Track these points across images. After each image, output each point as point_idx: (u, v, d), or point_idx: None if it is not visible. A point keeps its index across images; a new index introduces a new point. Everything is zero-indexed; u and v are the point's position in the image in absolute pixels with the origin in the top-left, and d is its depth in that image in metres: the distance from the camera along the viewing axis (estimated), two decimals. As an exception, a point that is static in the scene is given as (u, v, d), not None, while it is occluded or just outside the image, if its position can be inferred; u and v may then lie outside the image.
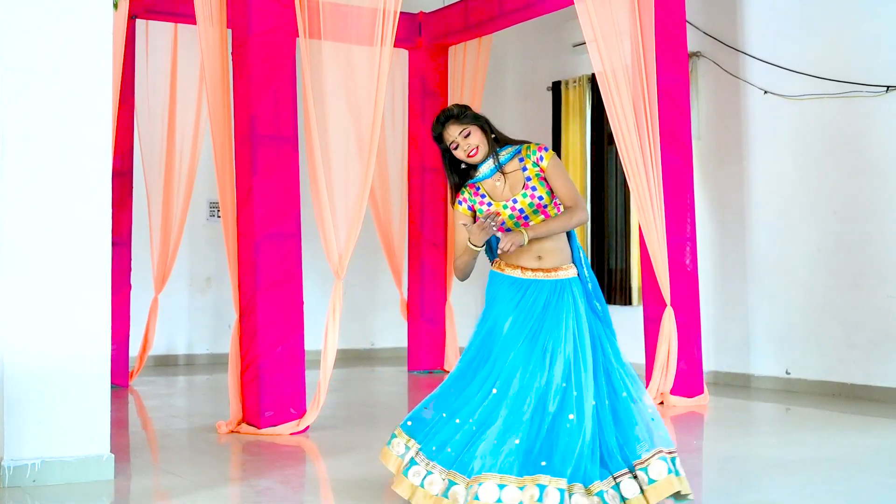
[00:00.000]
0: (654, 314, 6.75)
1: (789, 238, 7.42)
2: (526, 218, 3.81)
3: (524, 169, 3.84)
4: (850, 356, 7.01)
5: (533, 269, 3.80)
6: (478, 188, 3.89)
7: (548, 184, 3.82)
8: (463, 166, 3.92)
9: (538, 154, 3.85)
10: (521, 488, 3.46)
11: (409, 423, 3.85)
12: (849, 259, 7.04)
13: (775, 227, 7.53)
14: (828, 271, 7.17)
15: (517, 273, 3.82)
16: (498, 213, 3.76)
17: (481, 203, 3.86)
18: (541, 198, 3.80)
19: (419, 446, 3.73)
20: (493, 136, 3.88)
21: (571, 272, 3.84)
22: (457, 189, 3.92)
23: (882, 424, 6.02)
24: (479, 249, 3.80)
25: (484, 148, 3.84)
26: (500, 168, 3.85)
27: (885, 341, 6.82)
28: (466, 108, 3.89)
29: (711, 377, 7.64)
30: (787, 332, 7.42)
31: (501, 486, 3.47)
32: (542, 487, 3.45)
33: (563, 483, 3.45)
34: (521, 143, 3.92)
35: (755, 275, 7.66)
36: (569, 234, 3.93)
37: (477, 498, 3.46)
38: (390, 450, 3.85)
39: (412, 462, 3.68)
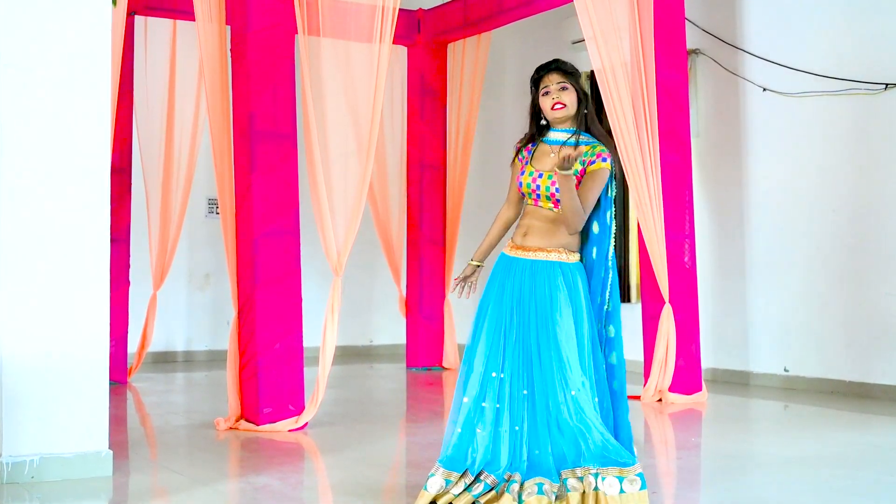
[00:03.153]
0: (653, 312, 6.76)
1: (788, 235, 7.43)
2: (538, 196, 3.84)
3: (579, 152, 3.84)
4: (848, 354, 7.02)
5: (517, 248, 3.87)
6: (533, 147, 3.93)
7: (577, 184, 3.79)
8: (542, 122, 3.91)
9: (592, 157, 3.80)
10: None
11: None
12: (847, 256, 7.05)
13: (774, 224, 7.53)
14: (826, 269, 7.17)
15: (506, 249, 3.92)
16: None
17: (523, 160, 3.90)
18: (558, 189, 3.78)
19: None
20: (584, 111, 3.87)
21: (555, 256, 3.81)
22: (526, 142, 3.95)
23: (880, 422, 6.02)
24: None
25: (570, 110, 3.84)
26: (576, 144, 3.82)
27: (884, 339, 6.82)
28: (577, 70, 3.92)
29: (710, 374, 7.64)
30: (786, 329, 7.42)
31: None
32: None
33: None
34: (599, 142, 3.86)
35: (754, 272, 7.67)
36: (589, 236, 3.89)
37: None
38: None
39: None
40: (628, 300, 8.45)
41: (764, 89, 7.57)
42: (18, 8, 4.29)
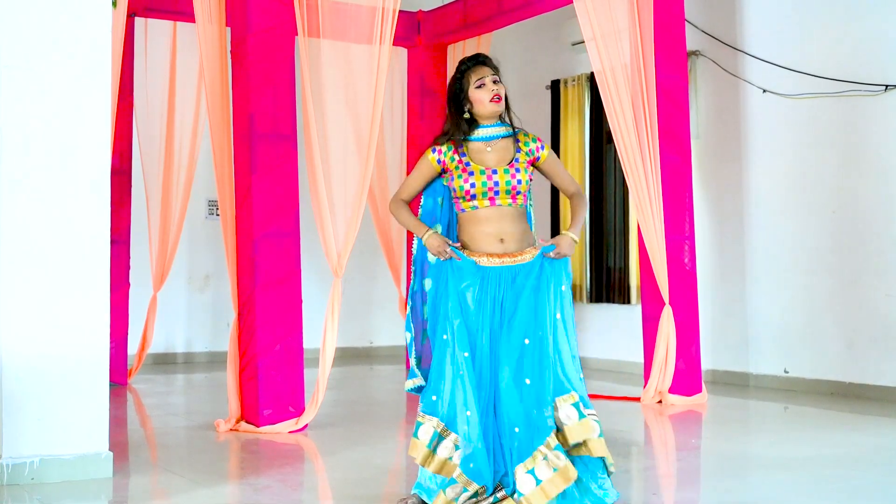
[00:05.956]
0: (653, 313, 6.76)
1: (788, 237, 7.43)
2: (496, 193, 3.76)
3: (517, 150, 3.84)
4: (848, 355, 7.02)
5: (500, 255, 3.76)
6: (461, 148, 3.84)
7: (530, 173, 3.82)
8: (466, 115, 3.86)
9: (537, 144, 3.88)
10: None
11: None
12: (847, 258, 7.05)
13: (774, 225, 7.53)
14: (826, 270, 7.17)
15: (483, 261, 3.77)
16: (458, 258, 3.76)
17: (460, 162, 3.80)
18: (519, 181, 3.77)
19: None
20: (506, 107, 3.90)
21: (529, 255, 3.79)
22: (450, 139, 3.85)
23: (879, 423, 6.02)
24: (419, 236, 3.86)
25: (503, 104, 3.84)
26: (517, 140, 3.84)
27: (883, 340, 6.82)
28: (499, 65, 3.91)
29: (710, 376, 7.64)
30: (786, 330, 7.42)
31: None
32: None
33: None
34: (519, 128, 3.93)
35: (753, 273, 7.67)
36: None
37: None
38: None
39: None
40: (628, 301, 8.44)
41: (764, 91, 7.57)
42: (19, 9, 4.30)
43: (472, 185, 3.75)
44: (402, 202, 3.94)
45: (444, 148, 3.84)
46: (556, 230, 8.84)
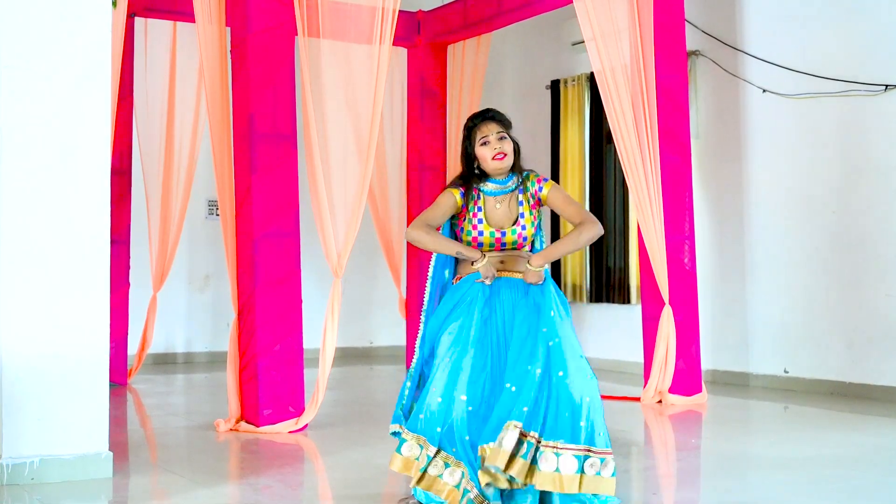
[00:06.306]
0: (653, 313, 6.76)
1: (788, 237, 7.43)
2: (503, 245, 3.87)
3: (521, 193, 3.90)
4: (848, 355, 7.02)
5: (499, 272, 3.86)
6: (479, 199, 3.90)
7: (535, 216, 3.88)
8: (476, 171, 3.92)
9: (537, 186, 3.91)
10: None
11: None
12: (847, 258, 7.05)
13: (774, 225, 7.53)
14: (826, 270, 7.17)
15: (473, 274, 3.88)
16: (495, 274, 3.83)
17: (475, 216, 3.88)
18: (524, 228, 3.86)
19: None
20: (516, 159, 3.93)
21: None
22: (467, 185, 3.89)
23: (879, 423, 6.02)
24: (474, 264, 3.82)
25: (510, 160, 3.87)
26: (522, 189, 3.88)
27: (883, 340, 6.82)
28: (510, 121, 3.94)
29: (710, 376, 7.64)
30: (786, 330, 7.42)
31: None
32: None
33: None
34: (526, 171, 3.96)
35: (753, 273, 7.67)
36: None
37: None
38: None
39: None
40: (628, 301, 8.45)
41: (763, 90, 7.57)
42: (19, 9, 4.30)
43: (480, 245, 3.88)
44: (431, 227, 3.89)
45: (463, 190, 3.89)
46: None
